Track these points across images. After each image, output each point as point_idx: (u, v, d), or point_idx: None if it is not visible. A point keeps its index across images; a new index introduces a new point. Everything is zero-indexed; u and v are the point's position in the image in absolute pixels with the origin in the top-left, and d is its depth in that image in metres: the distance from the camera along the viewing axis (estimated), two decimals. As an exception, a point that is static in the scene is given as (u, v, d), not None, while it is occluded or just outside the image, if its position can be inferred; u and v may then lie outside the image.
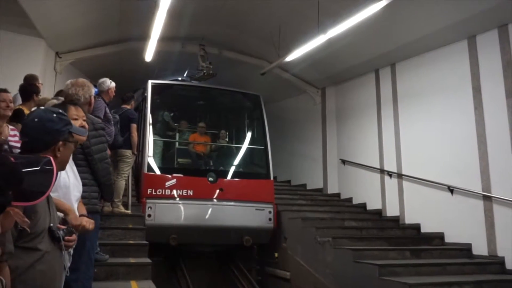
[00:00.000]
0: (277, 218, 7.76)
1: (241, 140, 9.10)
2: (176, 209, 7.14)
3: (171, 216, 7.08)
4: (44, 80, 6.15)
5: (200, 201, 7.29)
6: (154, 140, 7.64)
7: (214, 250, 8.09)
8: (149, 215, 6.87)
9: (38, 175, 1.33)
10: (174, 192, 7.21)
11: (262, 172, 8.22)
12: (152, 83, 8.01)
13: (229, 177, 7.84)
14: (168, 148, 8.44)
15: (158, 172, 7.37)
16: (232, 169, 8.10)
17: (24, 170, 1.25)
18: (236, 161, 8.42)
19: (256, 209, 7.54)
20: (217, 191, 7.44)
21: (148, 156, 7.33)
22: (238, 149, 8.77)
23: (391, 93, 8.36)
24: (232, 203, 7.45)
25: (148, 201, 6.98)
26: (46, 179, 1.34)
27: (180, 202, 7.19)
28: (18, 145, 3.46)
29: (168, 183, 7.21)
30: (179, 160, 8.37)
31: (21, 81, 4.84)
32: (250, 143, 8.83)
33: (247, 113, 9.31)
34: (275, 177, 9.40)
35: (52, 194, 2.02)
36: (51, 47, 7.67)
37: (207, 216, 7.26)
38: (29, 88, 4.44)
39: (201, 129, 8.55)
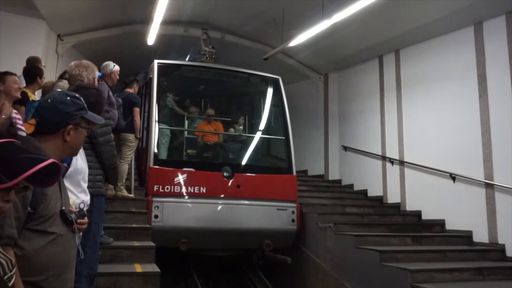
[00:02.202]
0: (301, 219, 6.94)
1: (260, 130, 8.03)
2: (186, 209, 6.34)
3: (181, 217, 6.24)
4: (46, 63, 6.06)
5: (214, 199, 6.47)
6: (160, 129, 6.81)
7: (229, 255, 7.15)
8: (156, 216, 6.05)
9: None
10: (184, 189, 6.38)
11: (283, 166, 7.33)
12: (158, 63, 7.15)
13: (247, 172, 6.94)
14: (177, 138, 7.58)
15: (166, 166, 6.56)
16: (250, 163, 7.20)
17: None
18: (255, 153, 7.52)
19: (278, 209, 6.70)
20: (232, 187, 6.58)
21: (154, 148, 6.49)
22: (257, 139, 7.85)
23: (395, 79, 8.29)
24: (251, 202, 6.61)
25: (154, 199, 6.15)
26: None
27: (191, 200, 6.37)
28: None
29: (177, 179, 6.38)
30: (190, 152, 7.53)
31: (22, 63, 4.78)
32: (270, 133, 7.98)
33: (265, 98, 8.18)
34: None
35: (67, 179, 2.02)
36: (52, 29, 7.57)
37: (222, 217, 6.44)
38: (32, 70, 4.41)
39: (209, 118, 7.71)
